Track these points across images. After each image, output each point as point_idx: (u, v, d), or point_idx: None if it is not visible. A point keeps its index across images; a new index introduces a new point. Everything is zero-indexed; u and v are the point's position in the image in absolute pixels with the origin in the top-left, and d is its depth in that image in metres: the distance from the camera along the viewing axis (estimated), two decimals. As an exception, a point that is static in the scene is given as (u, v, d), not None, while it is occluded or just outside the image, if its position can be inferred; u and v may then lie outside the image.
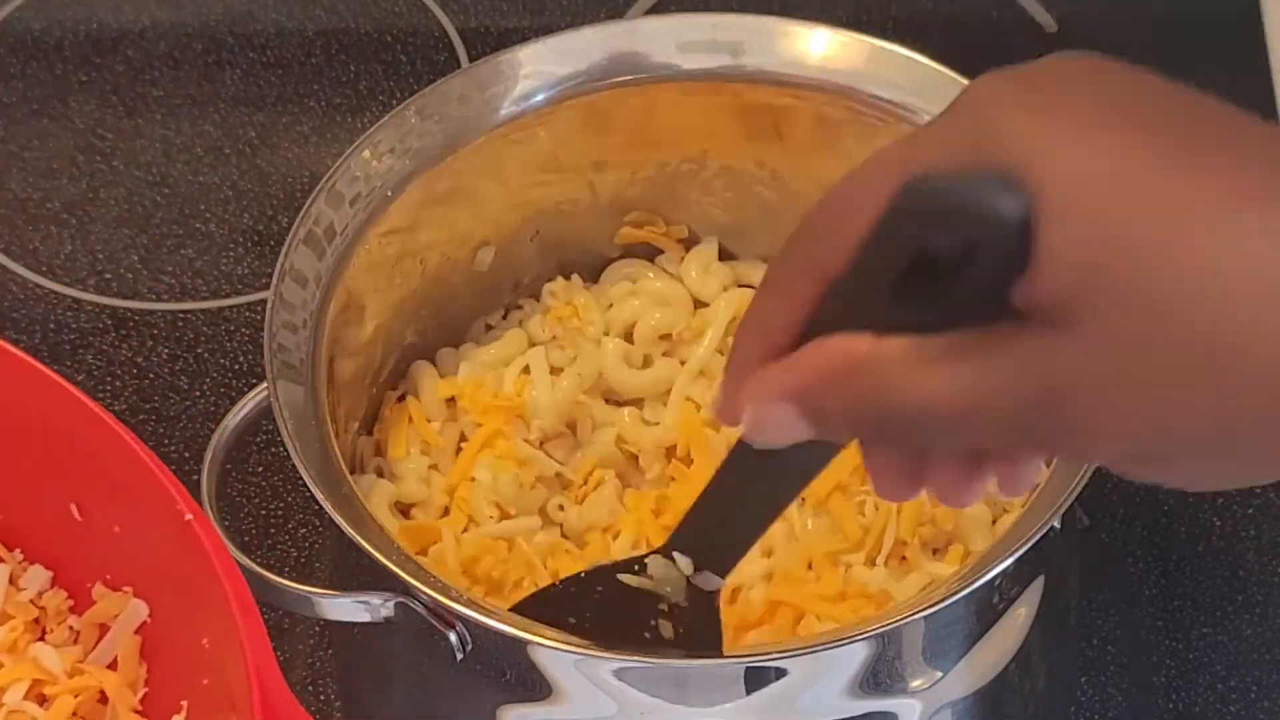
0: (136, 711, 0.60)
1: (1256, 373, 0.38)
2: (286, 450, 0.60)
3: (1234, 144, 0.40)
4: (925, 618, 0.56)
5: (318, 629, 0.75)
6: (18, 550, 0.64)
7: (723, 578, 0.57)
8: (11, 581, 0.63)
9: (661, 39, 0.70)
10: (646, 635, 0.58)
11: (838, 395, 0.42)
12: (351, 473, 0.63)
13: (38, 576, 0.63)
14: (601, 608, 0.59)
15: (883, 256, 0.41)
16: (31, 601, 0.63)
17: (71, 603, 0.63)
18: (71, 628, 0.62)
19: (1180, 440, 0.40)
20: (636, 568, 0.58)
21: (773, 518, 0.54)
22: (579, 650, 0.57)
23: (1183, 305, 0.38)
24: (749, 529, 0.54)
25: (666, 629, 0.58)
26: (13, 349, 0.60)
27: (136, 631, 0.61)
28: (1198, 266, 0.38)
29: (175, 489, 0.57)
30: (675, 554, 0.57)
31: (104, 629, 0.62)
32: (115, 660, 0.61)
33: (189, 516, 0.56)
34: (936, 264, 0.40)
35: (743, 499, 0.53)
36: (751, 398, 0.44)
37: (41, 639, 0.62)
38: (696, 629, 0.58)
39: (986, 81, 0.41)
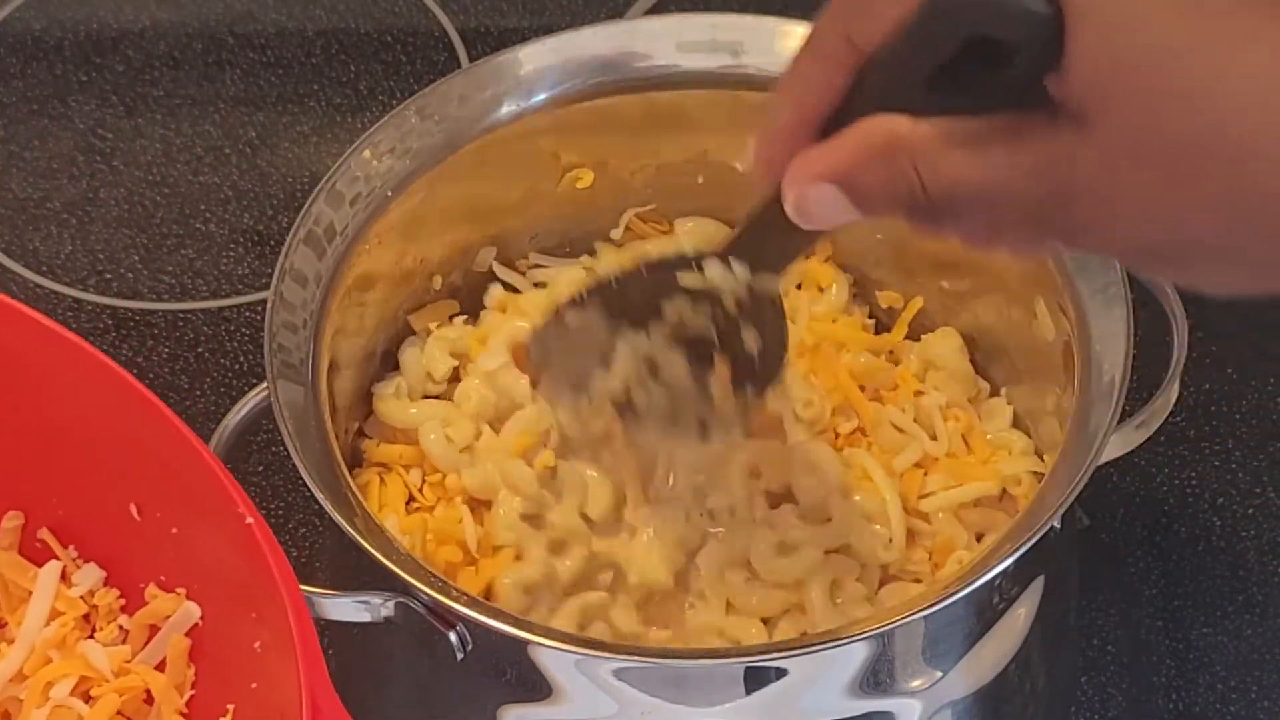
0: (182, 714, 0.60)
1: (1258, 177, 0.40)
2: (286, 450, 0.60)
3: None
4: (925, 618, 0.56)
5: (318, 629, 0.75)
6: (72, 547, 0.64)
7: (779, 276, 0.57)
8: (64, 578, 0.63)
9: (661, 39, 0.70)
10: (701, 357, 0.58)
11: (877, 172, 0.45)
12: (351, 471, 0.63)
13: (90, 574, 0.63)
14: (652, 308, 0.59)
15: (922, 46, 0.43)
16: (82, 598, 0.63)
17: (124, 602, 0.63)
18: (121, 626, 0.62)
19: (1189, 235, 0.42)
20: (694, 267, 0.57)
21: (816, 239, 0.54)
22: (579, 650, 0.57)
23: (1195, 107, 0.40)
24: (798, 240, 0.55)
25: (722, 360, 0.58)
26: (85, 344, 0.60)
27: (187, 633, 0.61)
28: (1213, 74, 0.40)
29: (237, 492, 0.57)
30: (732, 259, 0.56)
31: (154, 629, 0.61)
32: (164, 661, 0.61)
33: (250, 520, 0.56)
34: (973, 57, 0.42)
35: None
36: (795, 179, 0.47)
37: (91, 637, 0.62)
38: (765, 326, 0.58)
39: None
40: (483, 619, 0.56)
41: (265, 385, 0.62)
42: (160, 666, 0.61)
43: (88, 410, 0.60)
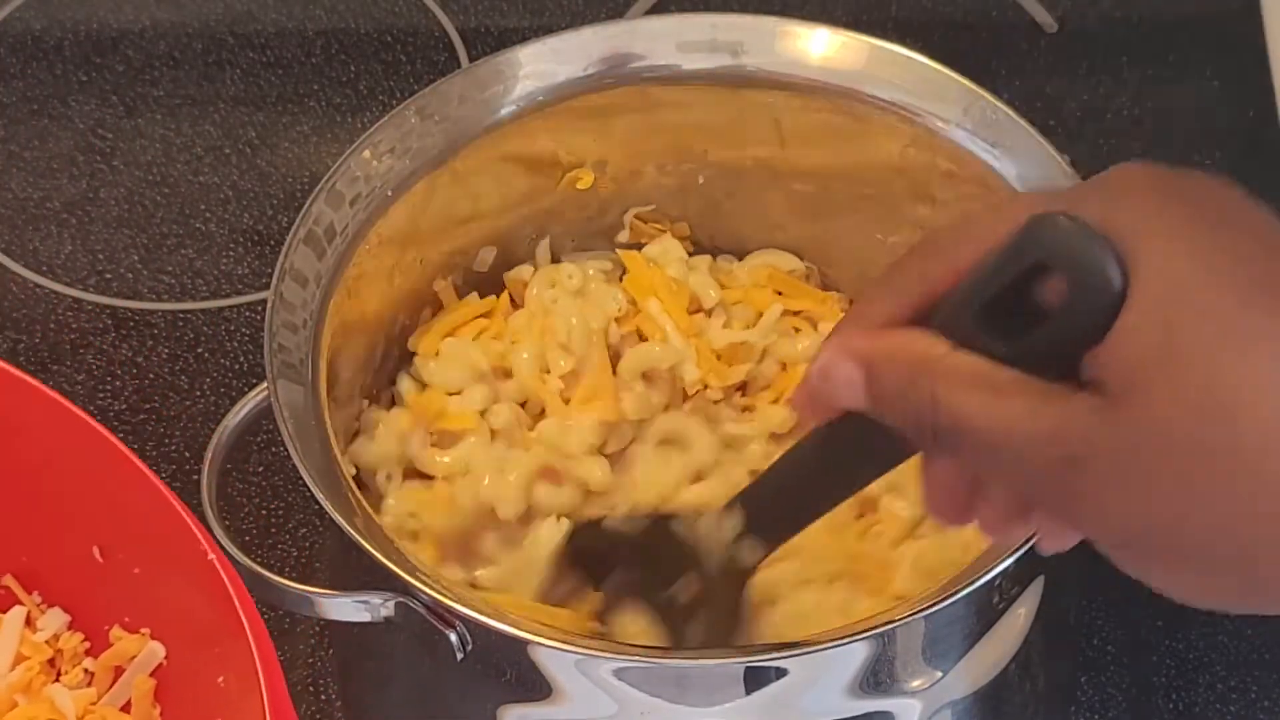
0: (149, 753, 0.60)
1: (1272, 497, 0.41)
2: (286, 450, 0.60)
3: None
4: (925, 618, 0.56)
5: (318, 629, 0.75)
6: (36, 593, 0.64)
7: (766, 550, 0.58)
8: (29, 623, 0.63)
9: (661, 39, 0.70)
10: (670, 590, 0.60)
11: (899, 379, 0.46)
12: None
13: (55, 619, 0.63)
14: (643, 552, 0.61)
15: (990, 275, 0.44)
16: (47, 643, 0.63)
17: (89, 645, 0.63)
18: (87, 670, 0.63)
19: (1184, 538, 0.42)
20: (692, 521, 0.60)
21: (825, 511, 0.56)
22: (579, 650, 0.57)
23: (1224, 415, 0.41)
24: (802, 514, 0.57)
25: (687, 594, 0.60)
26: (42, 387, 0.61)
27: (152, 673, 0.61)
28: (1249, 388, 0.41)
29: (198, 529, 0.57)
30: (735, 507, 0.58)
31: (119, 670, 0.62)
32: (129, 702, 0.61)
33: (211, 556, 0.56)
34: (1029, 303, 0.44)
35: (805, 483, 0.55)
36: (829, 348, 0.48)
37: (57, 680, 0.62)
38: (716, 599, 0.59)
39: (1135, 167, 0.44)
40: (483, 619, 0.56)
41: (265, 385, 0.62)
42: (126, 708, 0.61)
43: (47, 454, 0.61)
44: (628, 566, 0.62)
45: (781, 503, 0.57)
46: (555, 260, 0.74)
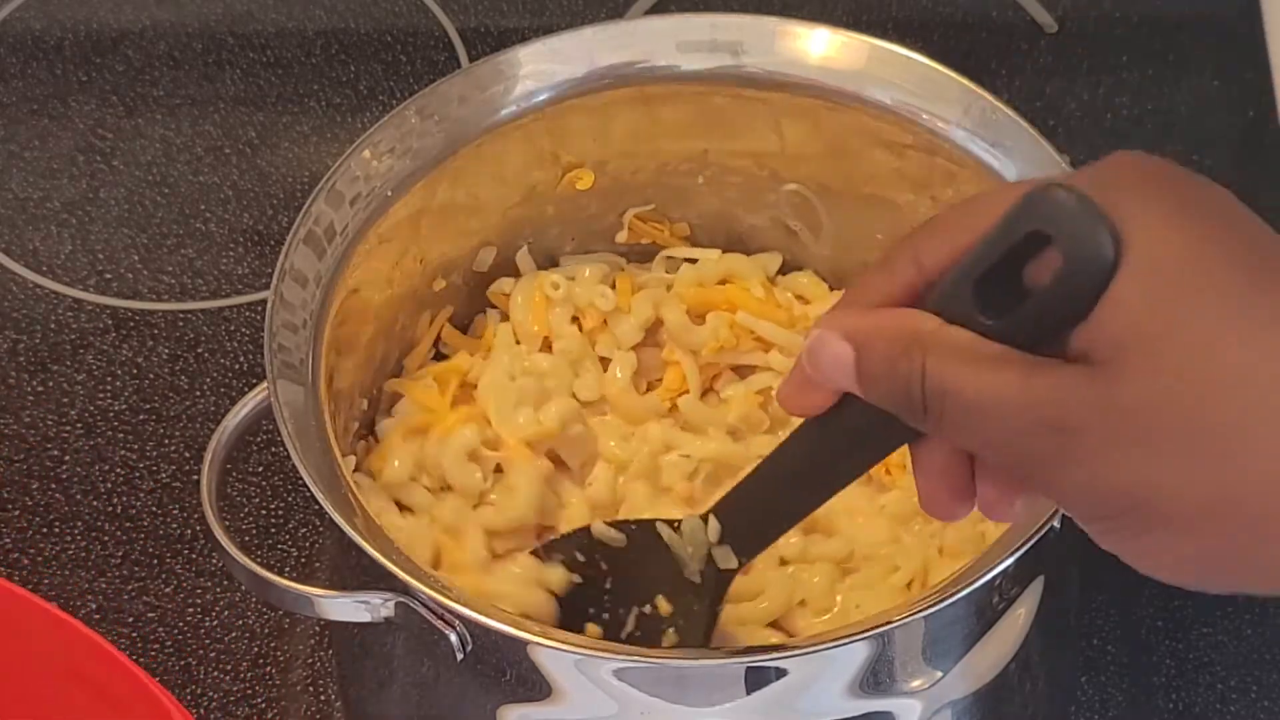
0: None
1: (1254, 472, 0.42)
2: (286, 450, 0.60)
3: None
4: (925, 618, 0.56)
5: (318, 629, 0.75)
6: None
7: (742, 559, 0.59)
8: None
9: (661, 39, 0.70)
10: (646, 607, 0.61)
11: (889, 353, 0.46)
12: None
13: None
14: (626, 558, 0.62)
15: (985, 248, 0.45)
16: None
17: None
18: None
19: (1174, 508, 0.43)
20: (675, 526, 0.60)
21: (805, 514, 0.57)
22: (579, 650, 0.57)
23: (1214, 386, 0.41)
24: (781, 518, 0.57)
25: (664, 606, 0.60)
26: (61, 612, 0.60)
27: None
28: (1234, 366, 0.41)
29: (165, 696, 0.57)
30: (711, 517, 0.59)
31: None
32: None
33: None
34: (1020, 282, 0.44)
35: (786, 486, 0.55)
36: (821, 324, 0.48)
37: None
38: (692, 606, 0.60)
39: (1132, 155, 0.45)
40: (483, 619, 0.56)
41: (265, 385, 0.62)
42: None
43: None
44: (599, 579, 0.63)
45: (759, 510, 0.57)
46: (554, 263, 0.75)
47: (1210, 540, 0.43)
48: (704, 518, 0.59)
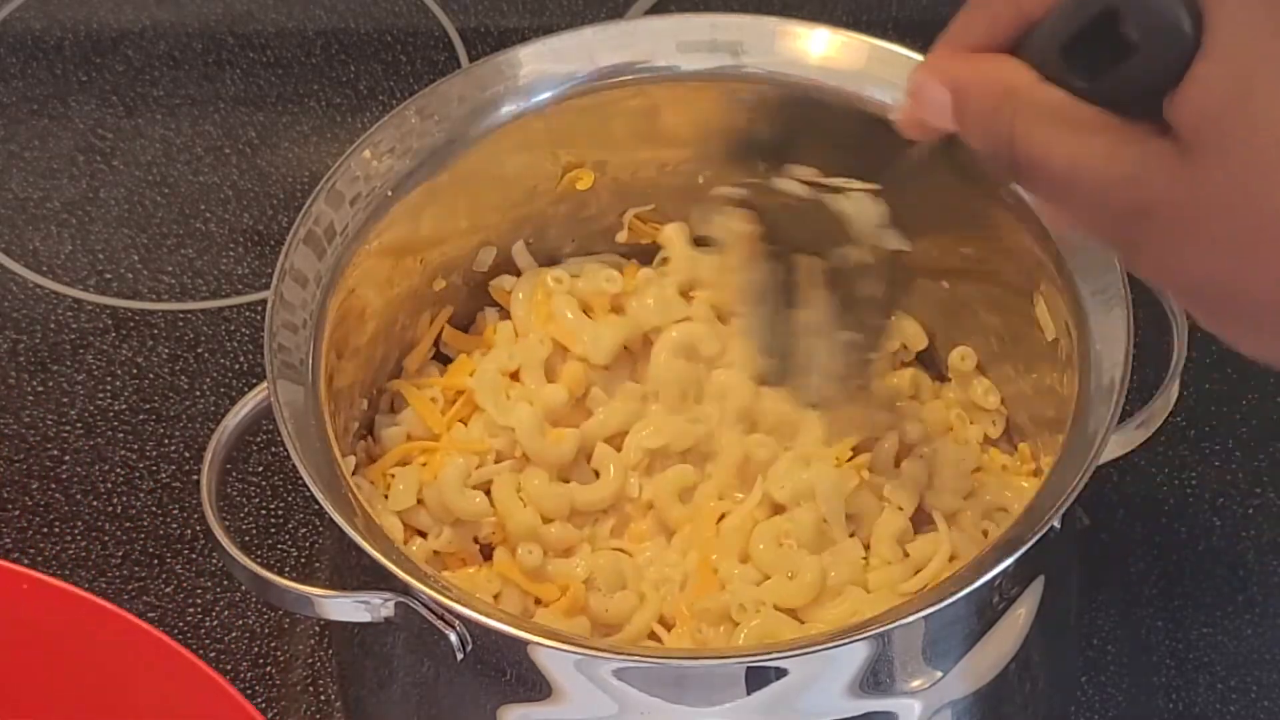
0: None
1: None
2: (286, 450, 0.60)
3: None
4: (925, 618, 0.56)
5: (318, 629, 0.75)
6: None
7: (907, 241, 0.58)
8: None
9: (661, 39, 0.70)
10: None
11: (984, 106, 0.47)
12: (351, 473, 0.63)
13: None
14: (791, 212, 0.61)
15: (1069, 13, 0.45)
16: None
17: None
18: None
19: (1242, 296, 0.42)
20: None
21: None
22: (579, 650, 0.57)
23: None
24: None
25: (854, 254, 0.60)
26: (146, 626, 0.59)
27: None
28: None
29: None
30: (879, 196, 0.58)
31: None
32: None
33: None
34: (1114, 39, 0.44)
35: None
36: (923, 68, 0.49)
37: None
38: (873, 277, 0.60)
39: None
40: (483, 619, 0.56)
41: (265, 385, 0.62)
42: None
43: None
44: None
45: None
46: (554, 263, 0.75)
47: None
48: (874, 194, 0.58)
